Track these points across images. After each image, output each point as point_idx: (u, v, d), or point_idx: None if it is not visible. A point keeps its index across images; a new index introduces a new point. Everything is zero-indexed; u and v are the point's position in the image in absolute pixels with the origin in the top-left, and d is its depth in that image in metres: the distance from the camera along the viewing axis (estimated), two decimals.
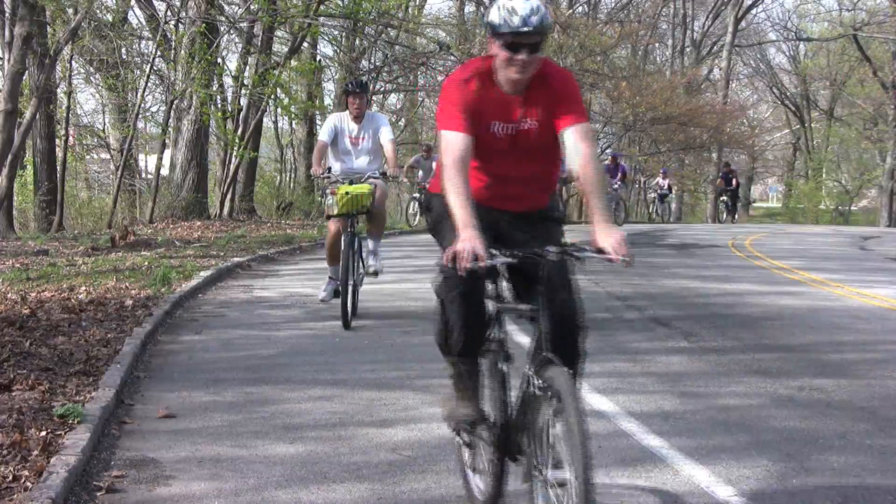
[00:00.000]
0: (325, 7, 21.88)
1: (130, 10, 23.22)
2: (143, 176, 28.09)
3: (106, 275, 10.02)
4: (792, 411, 5.32)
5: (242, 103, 21.29)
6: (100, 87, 25.98)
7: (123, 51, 23.37)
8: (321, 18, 21.62)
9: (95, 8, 18.08)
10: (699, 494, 3.98)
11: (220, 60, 22.36)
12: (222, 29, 21.06)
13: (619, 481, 4.12)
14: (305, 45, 24.12)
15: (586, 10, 34.08)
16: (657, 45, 44.59)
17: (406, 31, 24.42)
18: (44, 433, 4.34)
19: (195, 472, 4.16)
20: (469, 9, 32.75)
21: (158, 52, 20.06)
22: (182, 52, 19.59)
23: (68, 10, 16.11)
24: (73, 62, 21.25)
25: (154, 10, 21.63)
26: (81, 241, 14.14)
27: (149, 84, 22.04)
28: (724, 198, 30.32)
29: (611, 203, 22.61)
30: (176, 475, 4.12)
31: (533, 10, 3.26)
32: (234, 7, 22.83)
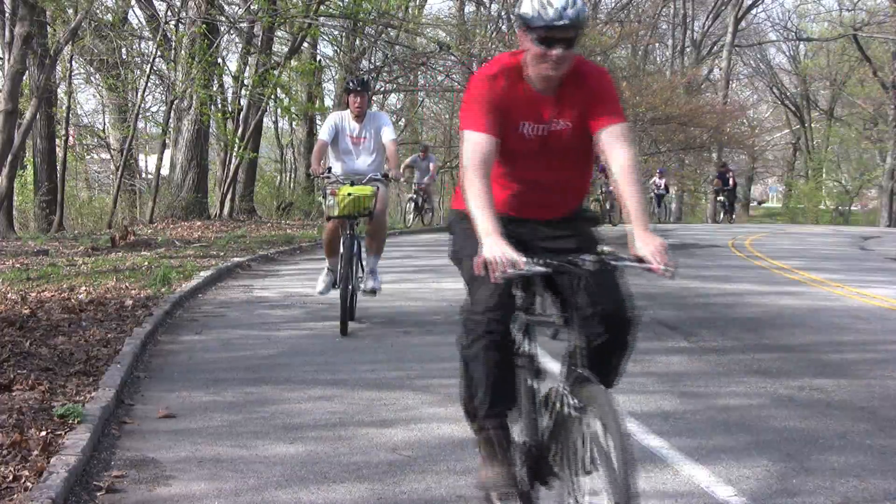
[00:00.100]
0: (325, 7, 21.88)
1: (130, 10, 23.25)
2: (143, 176, 28.11)
3: (106, 275, 10.02)
4: (792, 411, 5.32)
5: (242, 103, 21.31)
6: (100, 87, 26.01)
7: (123, 51, 23.38)
8: (321, 18, 21.63)
9: (95, 8, 18.08)
10: (699, 494, 3.98)
11: (220, 60, 22.37)
12: (222, 29, 21.07)
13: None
14: (305, 45, 24.13)
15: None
16: (657, 45, 44.60)
17: (406, 31, 24.44)
18: (44, 433, 4.34)
19: (195, 472, 4.16)
20: (469, 9, 32.76)
21: (158, 52, 20.06)
22: (182, 52, 19.60)
23: (68, 10, 16.10)
24: (73, 62, 21.27)
25: (154, 10, 21.64)
26: (81, 241, 14.14)
27: (149, 84, 22.07)
28: (720, 198, 30.36)
29: (606, 203, 22.62)
30: (176, 475, 4.12)
31: (569, 2, 3.03)
32: (234, 7, 22.84)
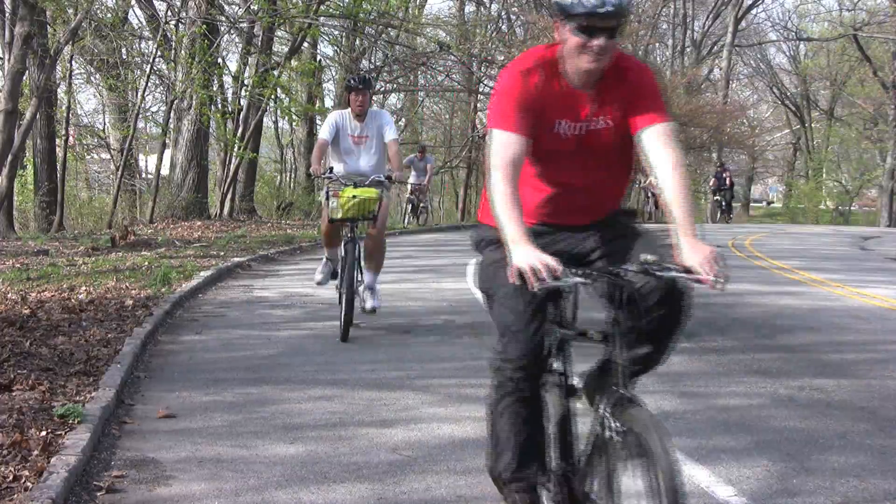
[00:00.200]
0: (325, 7, 21.89)
1: (130, 10, 23.25)
2: (143, 176, 28.13)
3: (106, 275, 10.02)
4: (792, 411, 5.32)
5: (242, 103, 21.32)
6: (100, 87, 26.01)
7: (123, 51, 23.39)
8: (321, 18, 21.63)
9: (95, 8, 18.08)
10: (699, 494, 3.97)
11: (220, 60, 22.37)
12: (222, 29, 21.08)
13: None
14: (305, 45, 24.14)
15: None
16: (657, 45, 44.57)
17: (406, 31, 24.44)
18: (44, 433, 4.34)
19: (195, 472, 4.16)
20: (469, 9, 32.75)
21: (158, 53, 20.07)
22: (182, 52, 19.61)
23: (68, 10, 16.10)
24: (73, 62, 21.27)
25: (154, 10, 21.65)
26: (81, 241, 14.14)
27: (149, 84, 22.08)
28: (717, 197, 30.38)
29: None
30: (176, 475, 4.12)
31: None
32: (234, 7, 22.85)
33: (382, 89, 28.94)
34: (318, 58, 26.88)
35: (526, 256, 2.69)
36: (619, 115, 3.00)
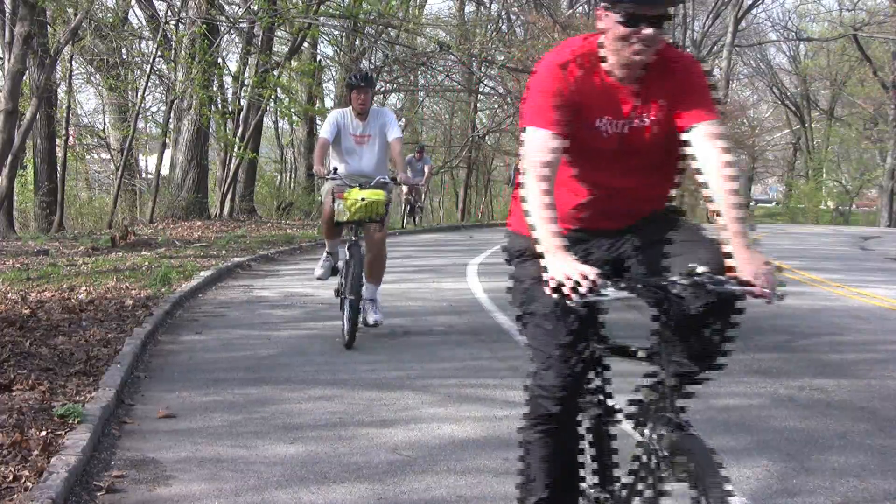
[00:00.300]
0: (326, 7, 21.90)
1: (130, 10, 23.27)
2: (143, 176, 28.15)
3: (106, 275, 10.02)
4: (792, 411, 5.32)
5: (242, 104, 21.33)
6: (100, 87, 26.02)
7: (124, 51, 23.41)
8: (321, 18, 21.65)
9: (95, 8, 18.09)
10: None
11: (220, 61, 22.39)
12: (222, 29, 21.09)
13: None
14: (305, 45, 24.16)
15: (586, 10, 34.06)
16: None
17: (406, 31, 24.45)
18: (44, 433, 4.33)
19: (195, 472, 4.16)
20: (469, 9, 32.78)
21: (159, 52, 20.07)
22: (182, 52, 19.62)
23: (68, 10, 16.11)
24: (73, 62, 21.27)
25: (154, 10, 21.67)
26: (81, 241, 14.15)
27: (149, 84, 22.08)
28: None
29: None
30: (176, 475, 4.12)
31: None
32: (234, 7, 22.86)
33: (382, 89, 28.96)
34: (318, 58, 26.90)
35: (563, 267, 2.47)
36: (664, 112, 2.77)
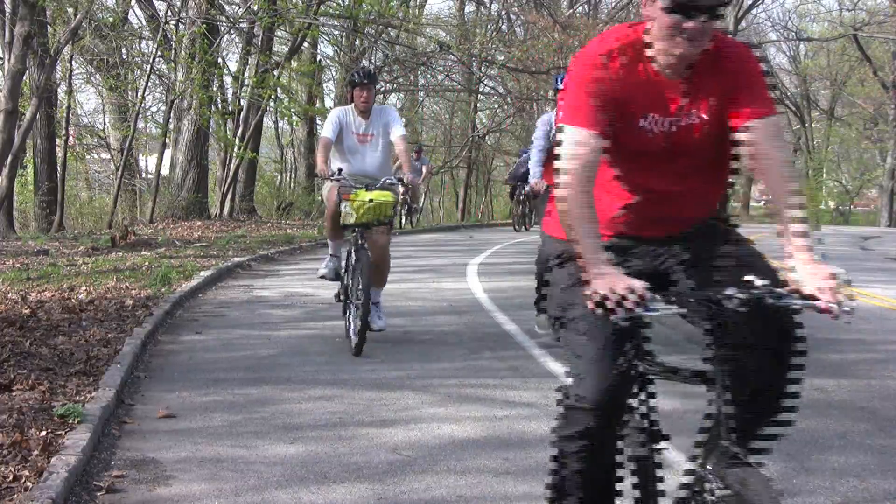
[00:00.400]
0: (326, 7, 21.91)
1: (130, 10, 23.27)
2: (143, 176, 28.15)
3: (106, 275, 10.02)
4: None
5: (242, 104, 21.34)
6: (100, 87, 26.03)
7: (123, 51, 23.42)
8: (321, 18, 21.66)
9: (95, 8, 18.09)
10: None
11: (220, 61, 22.40)
12: (222, 29, 21.10)
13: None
14: (305, 45, 24.16)
15: (586, 10, 34.08)
16: None
17: (406, 31, 24.47)
18: (44, 433, 4.33)
19: (195, 472, 4.16)
20: (469, 9, 32.79)
21: (159, 52, 20.08)
22: (182, 52, 19.62)
23: (68, 10, 16.12)
24: (73, 62, 21.28)
25: (154, 10, 21.68)
26: (82, 241, 14.15)
27: (149, 84, 22.09)
28: None
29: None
30: (176, 475, 4.12)
31: None
32: (234, 7, 22.87)
33: (382, 89, 28.97)
34: (318, 58, 26.91)
35: (608, 280, 2.28)
36: (715, 109, 2.55)
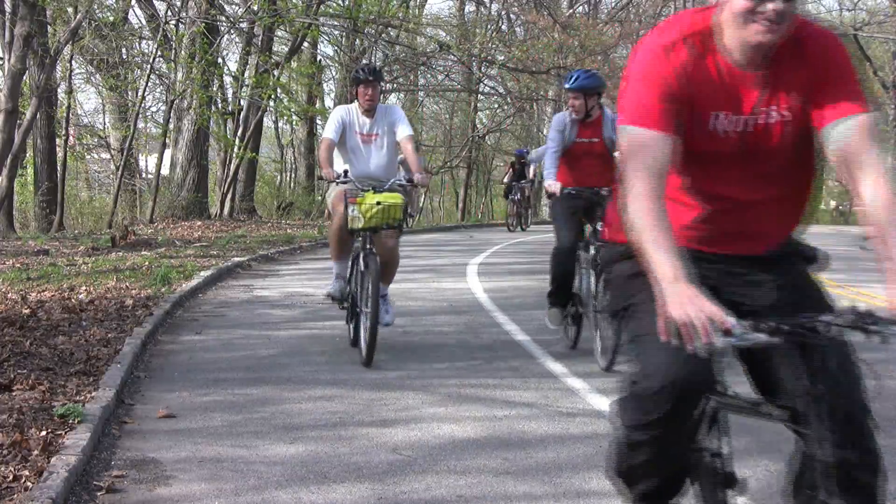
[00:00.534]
0: (326, 7, 21.92)
1: (130, 10, 23.28)
2: (144, 176, 28.15)
3: (106, 275, 10.02)
4: None
5: (242, 104, 21.35)
6: (100, 87, 26.04)
7: (123, 51, 23.42)
8: (321, 18, 21.67)
9: (95, 8, 18.09)
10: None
11: (220, 61, 22.41)
12: (222, 29, 21.10)
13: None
14: (305, 45, 24.17)
15: (586, 10, 34.09)
16: None
17: (406, 31, 24.48)
18: (44, 433, 4.33)
19: (195, 472, 4.16)
20: (469, 9, 32.79)
21: (159, 52, 20.08)
22: (182, 52, 19.63)
23: (68, 10, 16.12)
24: (73, 62, 21.28)
25: (154, 10, 21.69)
26: (82, 241, 14.15)
27: (149, 84, 22.09)
28: None
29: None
30: (176, 475, 4.12)
31: None
32: (234, 7, 22.88)
33: (383, 89, 29.04)
34: (318, 58, 26.91)
35: (685, 304, 1.98)
36: (798, 105, 2.27)
